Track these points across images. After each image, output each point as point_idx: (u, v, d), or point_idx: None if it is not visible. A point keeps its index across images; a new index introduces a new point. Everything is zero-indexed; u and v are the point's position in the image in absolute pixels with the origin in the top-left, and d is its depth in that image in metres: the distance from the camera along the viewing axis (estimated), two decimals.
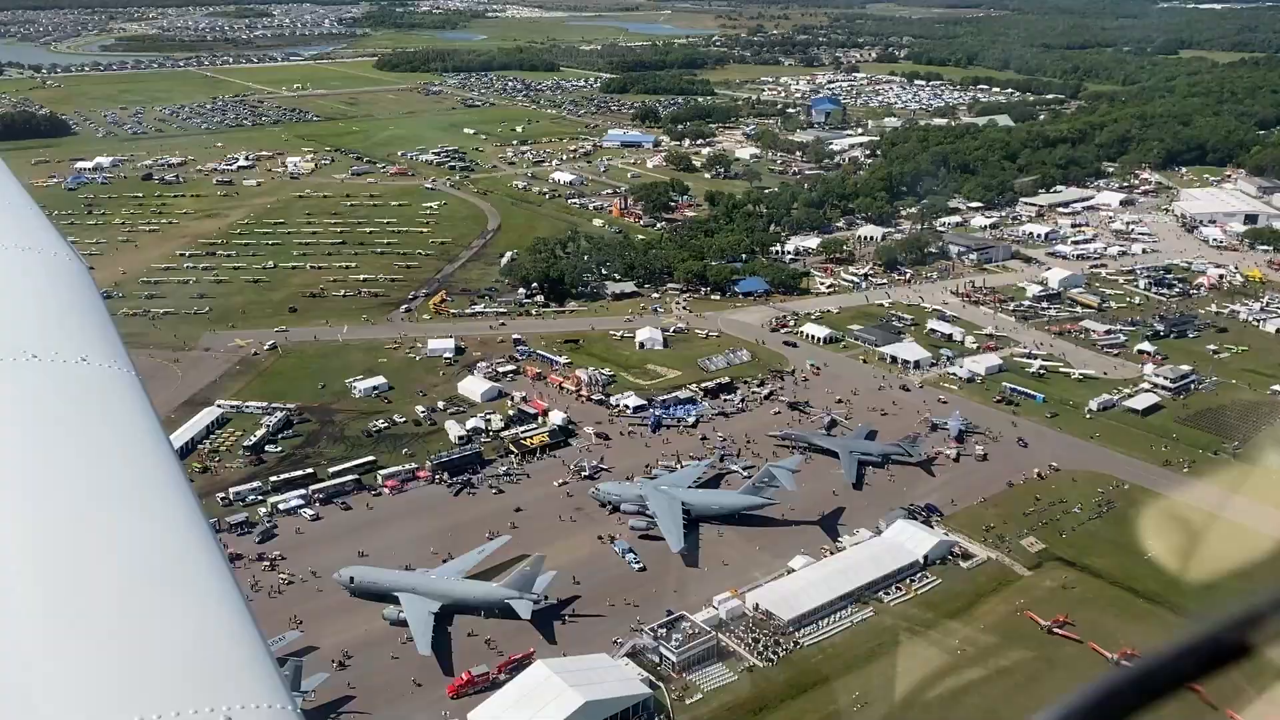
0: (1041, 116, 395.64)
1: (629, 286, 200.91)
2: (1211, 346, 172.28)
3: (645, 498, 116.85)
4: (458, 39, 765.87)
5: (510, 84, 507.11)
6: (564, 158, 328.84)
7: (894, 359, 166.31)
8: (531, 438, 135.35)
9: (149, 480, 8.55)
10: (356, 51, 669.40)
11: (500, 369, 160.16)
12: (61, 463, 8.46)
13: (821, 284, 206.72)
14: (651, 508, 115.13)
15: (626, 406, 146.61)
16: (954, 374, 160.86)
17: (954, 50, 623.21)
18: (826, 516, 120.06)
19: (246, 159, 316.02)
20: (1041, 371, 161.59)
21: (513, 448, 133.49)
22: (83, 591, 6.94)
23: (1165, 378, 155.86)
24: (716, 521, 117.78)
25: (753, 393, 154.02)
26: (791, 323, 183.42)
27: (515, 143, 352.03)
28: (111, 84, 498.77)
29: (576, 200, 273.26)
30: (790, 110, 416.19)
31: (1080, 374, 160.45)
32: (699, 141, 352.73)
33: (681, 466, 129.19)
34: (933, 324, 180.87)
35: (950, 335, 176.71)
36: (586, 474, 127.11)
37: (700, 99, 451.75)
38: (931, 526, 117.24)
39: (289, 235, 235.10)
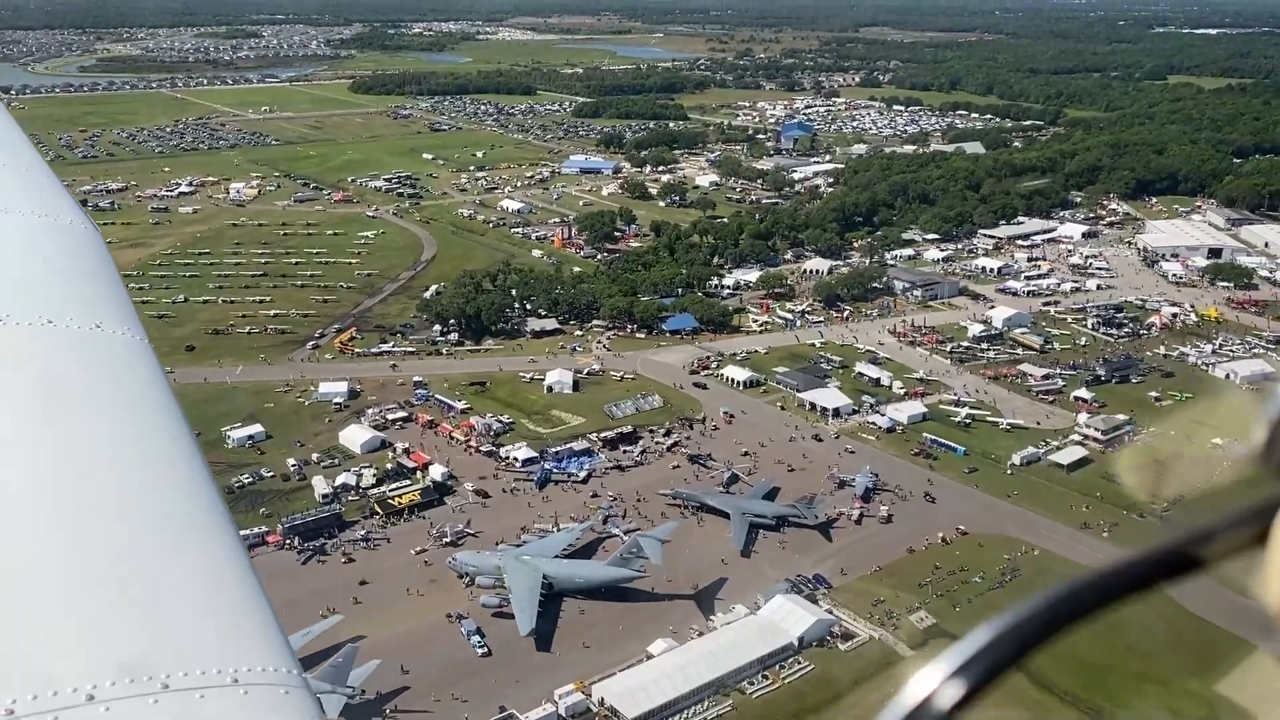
0: (1016, 144, 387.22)
1: (551, 324, 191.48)
2: (1153, 394, 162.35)
3: (503, 569, 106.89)
4: (442, 61, 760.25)
5: (483, 108, 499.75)
6: (518, 184, 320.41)
7: (813, 406, 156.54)
8: (400, 496, 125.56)
9: (160, 444, 8.58)
10: (336, 73, 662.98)
11: (390, 416, 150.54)
12: (76, 426, 8.43)
13: (755, 321, 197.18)
14: (508, 581, 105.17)
15: (515, 459, 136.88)
16: (873, 423, 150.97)
17: (937, 75, 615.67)
18: (704, 590, 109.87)
19: (190, 185, 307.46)
20: (967, 421, 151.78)
21: (378, 508, 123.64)
22: (92, 549, 6.86)
23: (1096, 429, 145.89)
24: (582, 596, 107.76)
25: (656, 443, 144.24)
26: (713, 364, 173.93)
27: (472, 168, 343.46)
28: (78, 106, 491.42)
29: (520, 230, 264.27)
30: (760, 136, 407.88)
31: (1008, 424, 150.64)
32: (660, 168, 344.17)
33: (558, 530, 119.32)
34: (861, 367, 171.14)
35: (878, 380, 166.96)
36: (449, 540, 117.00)
37: (671, 124, 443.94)
38: (817, 601, 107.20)
39: (210, 267, 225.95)
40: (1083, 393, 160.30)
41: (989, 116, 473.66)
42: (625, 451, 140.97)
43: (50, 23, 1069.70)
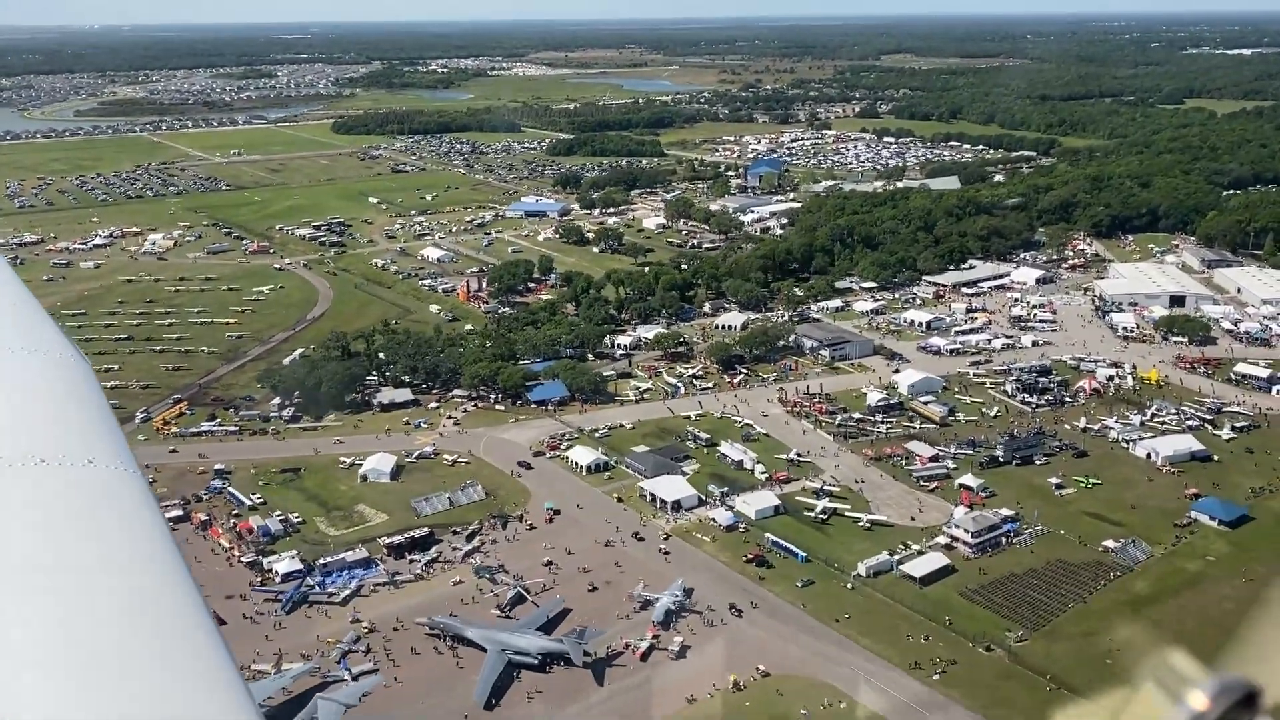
0: (998, 177, 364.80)
1: (405, 394, 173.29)
2: (1055, 479, 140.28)
3: None
4: (442, 98, 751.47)
5: (459, 146, 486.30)
6: (453, 230, 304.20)
7: (653, 497, 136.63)
8: None
9: (153, 576, 8.74)
10: (328, 112, 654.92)
11: (168, 515, 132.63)
12: (69, 563, 8.56)
13: (636, 388, 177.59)
14: None
15: (275, 573, 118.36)
16: (714, 520, 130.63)
17: (938, 104, 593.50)
18: None
19: (109, 236, 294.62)
20: (823, 516, 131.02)
21: None
22: (95, 692, 7.19)
23: (966, 529, 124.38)
24: None
25: (454, 549, 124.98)
26: (563, 444, 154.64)
27: (413, 213, 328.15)
28: (51, 152, 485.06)
29: (430, 281, 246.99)
30: (730, 173, 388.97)
31: (869, 521, 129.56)
32: (610, 210, 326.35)
33: (276, 673, 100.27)
34: (724, 448, 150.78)
35: (741, 462, 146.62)
36: None
37: (644, 161, 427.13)
38: None
39: (78, 329, 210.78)
40: (968, 480, 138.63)
41: (981, 147, 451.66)
42: (412, 561, 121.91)
43: (74, 66, 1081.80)
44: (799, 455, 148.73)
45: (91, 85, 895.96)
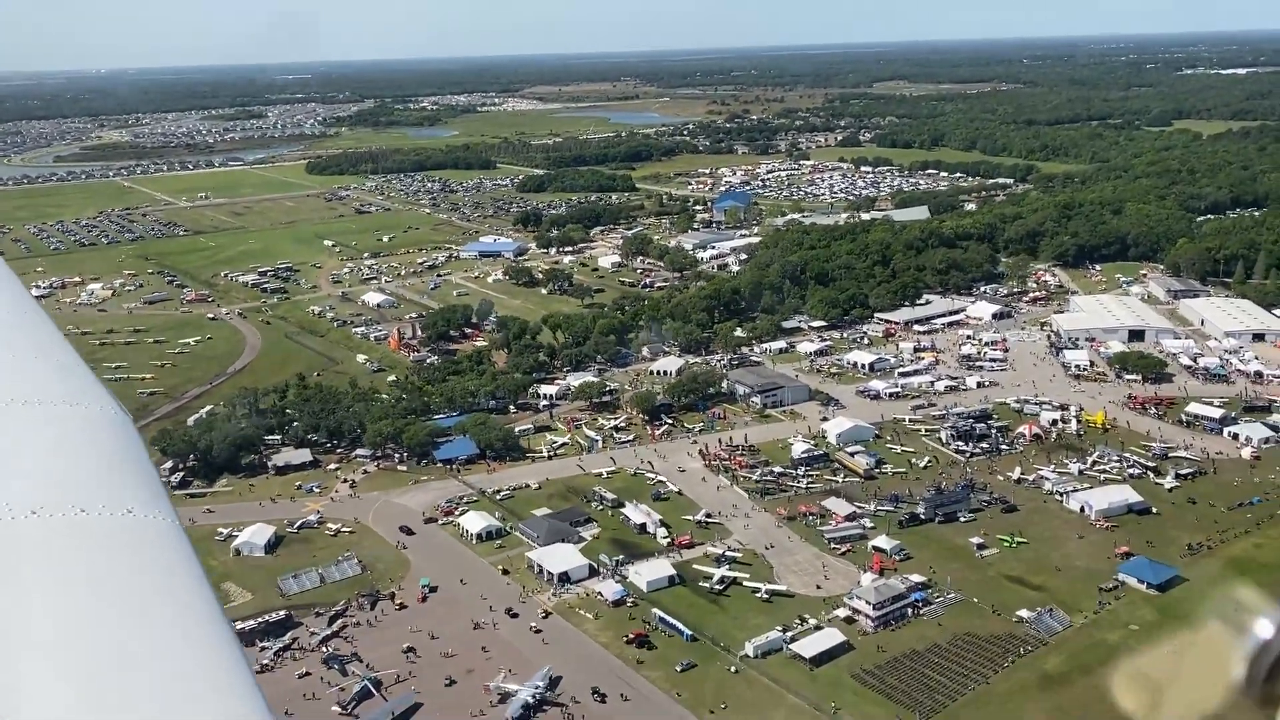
0: (970, 205, 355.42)
1: (305, 455, 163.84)
2: (977, 539, 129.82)
3: None
4: (425, 136, 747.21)
5: (429, 185, 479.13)
6: (403, 273, 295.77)
7: (540, 568, 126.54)
8: None
9: (192, 628, 8.96)
10: (306, 152, 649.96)
11: None
12: (108, 614, 8.82)
13: (552, 443, 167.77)
14: None
15: None
16: (600, 594, 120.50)
17: (921, 132, 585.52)
18: None
19: (49, 287, 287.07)
20: (720, 587, 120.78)
21: None
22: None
23: (868, 600, 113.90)
24: None
25: (311, 634, 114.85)
26: (458, 508, 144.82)
27: (365, 255, 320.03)
28: (18, 199, 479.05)
29: (362, 329, 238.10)
30: (698, 208, 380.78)
31: (768, 591, 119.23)
32: (566, 249, 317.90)
33: None
34: (629, 510, 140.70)
35: (644, 525, 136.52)
36: None
37: (613, 196, 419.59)
38: None
39: None
40: (882, 541, 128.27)
41: (958, 174, 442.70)
42: (263, 649, 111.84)
43: (67, 111, 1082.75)
44: (708, 516, 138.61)
45: (79, 130, 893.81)
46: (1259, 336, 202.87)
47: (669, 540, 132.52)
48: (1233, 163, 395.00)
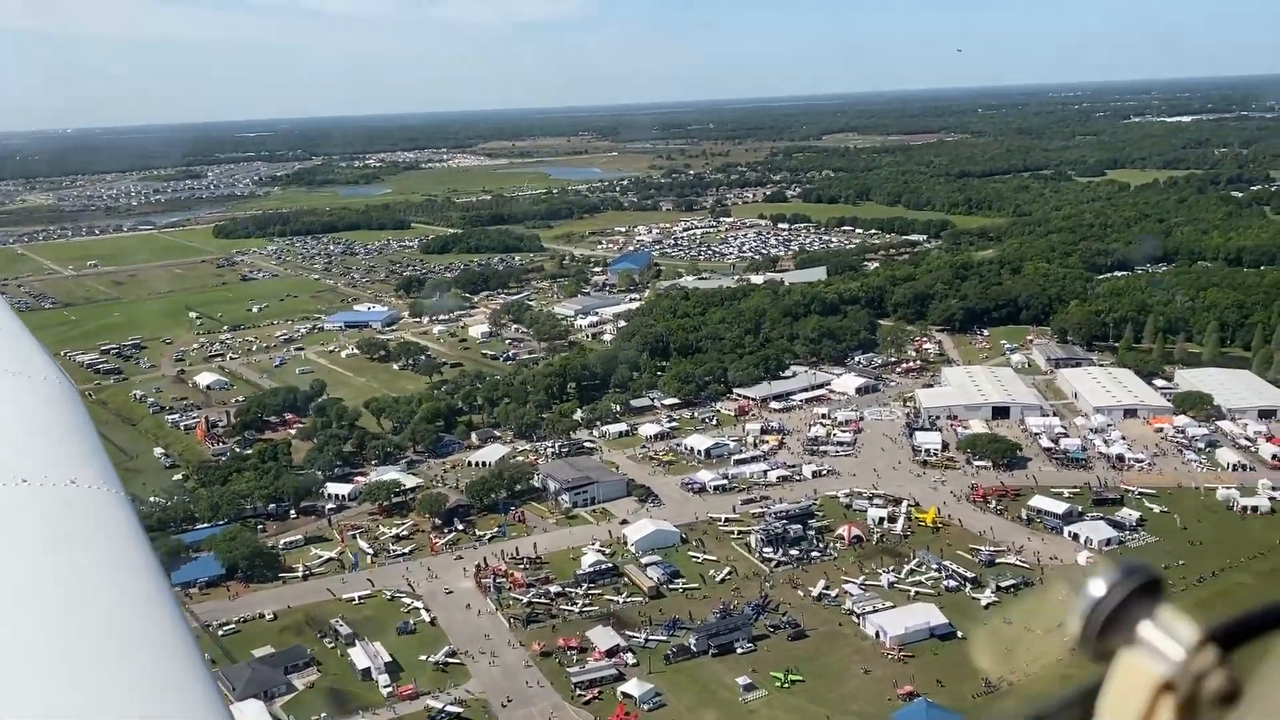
0: (874, 265, 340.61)
1: None
2: (744, 678, 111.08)
3: None
4: (361, 194, 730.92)
5: (332, 248, 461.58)
6: (254, 348, 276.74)
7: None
8: None
9: (137, 597, 8.66)
10: (229, 212, 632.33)
11: None
12: (49, 587, 8.49)
13: (317, 557, 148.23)
14: None
15: None
16: None
17: (849, 186, 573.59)
18: None
19: None
20: None
21: None
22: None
23: None
24: None
25: None
26: None
27: (226, 328, 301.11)
28: None
29: (175, 416, 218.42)
30: (597, 269, 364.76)
31: None
32: (440, 317, 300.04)
33: None
34: (356, 651, 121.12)
35: (369, 671, 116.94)
36: None
37: (516, 257, 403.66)
38: None
39: None
40: (632, 687, 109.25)
41: (873, 231, 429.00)
42: None
43: (6, 174, 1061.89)
44: (449, 655, 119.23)
45: (7, 193, 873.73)
46: (1131, 412, 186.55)
47: (390, 690, 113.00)
48: (1149, 215, 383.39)
